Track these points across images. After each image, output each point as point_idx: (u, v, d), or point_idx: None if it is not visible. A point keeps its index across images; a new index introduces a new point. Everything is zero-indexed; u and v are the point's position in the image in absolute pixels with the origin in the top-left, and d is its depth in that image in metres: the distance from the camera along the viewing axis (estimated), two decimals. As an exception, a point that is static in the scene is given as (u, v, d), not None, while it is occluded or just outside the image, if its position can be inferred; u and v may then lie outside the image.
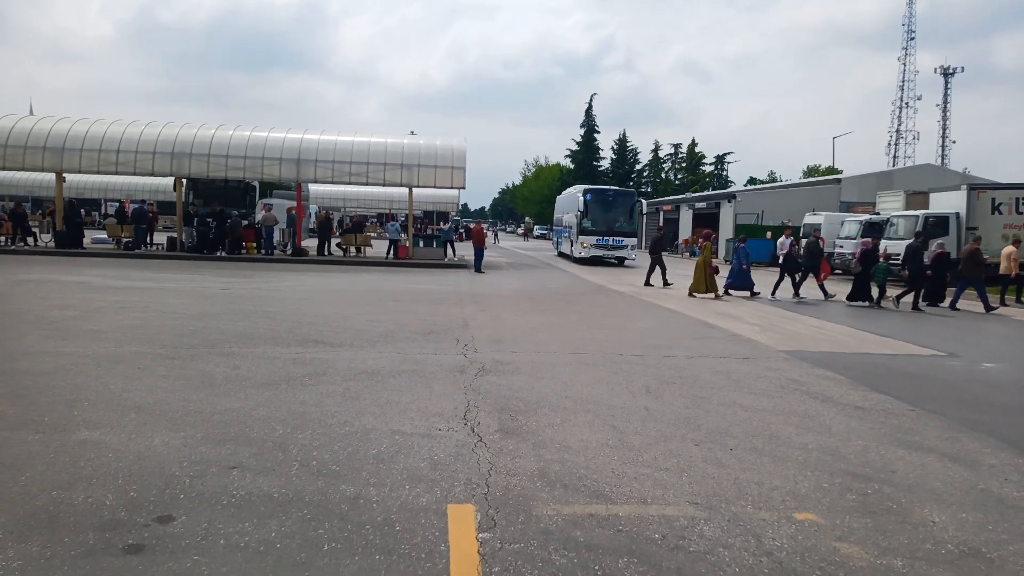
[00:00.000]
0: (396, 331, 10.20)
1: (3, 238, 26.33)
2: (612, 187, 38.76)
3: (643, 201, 32.45)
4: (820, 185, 45.57)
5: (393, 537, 3.60)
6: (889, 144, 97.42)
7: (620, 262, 30.98)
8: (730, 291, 18.32)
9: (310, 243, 29.01)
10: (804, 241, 20.72)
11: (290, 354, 8.19)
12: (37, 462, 4.46)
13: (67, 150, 25.40)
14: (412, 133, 31.67)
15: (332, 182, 28.04)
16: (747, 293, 18.29)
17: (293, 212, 29.22)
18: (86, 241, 27.36)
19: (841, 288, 19.34)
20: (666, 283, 20.07)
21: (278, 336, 9.37)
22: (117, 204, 39.11)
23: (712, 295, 17.81)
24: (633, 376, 7.74)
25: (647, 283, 20.31)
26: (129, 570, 3.17)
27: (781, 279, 18.71)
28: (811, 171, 79.60)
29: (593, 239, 30.51)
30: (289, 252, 27.20)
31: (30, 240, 27.54)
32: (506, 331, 10.75)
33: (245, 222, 27.36)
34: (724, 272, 18.92)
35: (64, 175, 26.94)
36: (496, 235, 62.02)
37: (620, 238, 30.68)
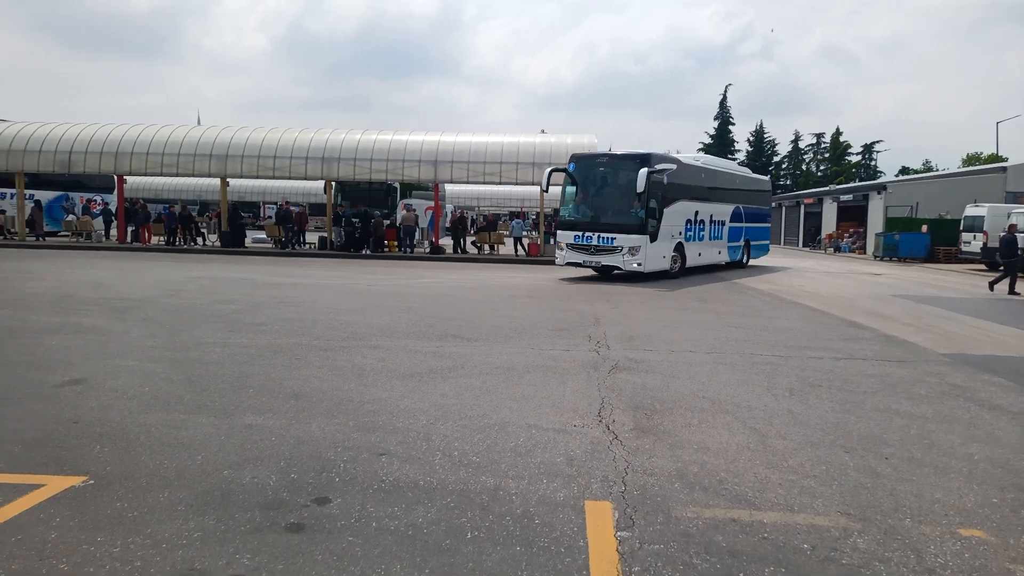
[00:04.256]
0: (529, 327, 10.35)
1: (177, 238, 29.23)
2: (607, 152, 22.13)
3: (657, 168, 18.09)
4: (982, 174, 41.60)
5: (532, 530, 3.67)
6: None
7: (627, 272, 18.42)
8: None
9: (446, 241, 29.95)
10: None
11: (430, 347, 8.53)
12: (211, 443, 4.91)
13: (230, 157, 27.76)
14: (543, 131, 31.86)
15: (467, 182, 28.83)
16: None
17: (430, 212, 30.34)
18: (247, 241, 29.75)
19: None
20: (1012, 292, 17.49)
21: (419, 330, 9.77)
22: (275, 206, 42.09)
23: None
24: (775, 377, 7.43)
25: (1005, 285, 17.99)
26: (292, 547, 3.44)
27: None
28: (971, 159, 72.71)
29: (570, 235, 18.81)
30: (428, 250, 28.27)
31: (199, 240, 30.38)
32: (637, 328, 10.63)
33: (387, 222, 28.76)
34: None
35: (228, 180, 29.42)
36: None
37: (611, 235, 18.19)
